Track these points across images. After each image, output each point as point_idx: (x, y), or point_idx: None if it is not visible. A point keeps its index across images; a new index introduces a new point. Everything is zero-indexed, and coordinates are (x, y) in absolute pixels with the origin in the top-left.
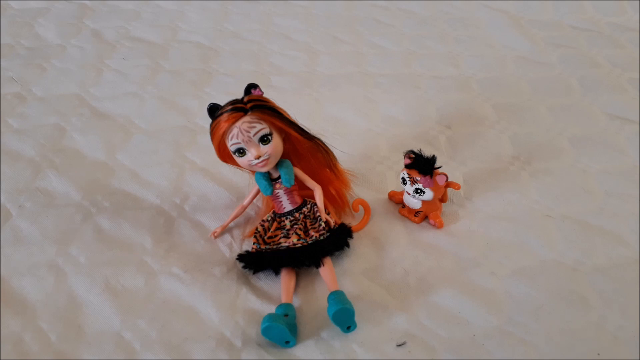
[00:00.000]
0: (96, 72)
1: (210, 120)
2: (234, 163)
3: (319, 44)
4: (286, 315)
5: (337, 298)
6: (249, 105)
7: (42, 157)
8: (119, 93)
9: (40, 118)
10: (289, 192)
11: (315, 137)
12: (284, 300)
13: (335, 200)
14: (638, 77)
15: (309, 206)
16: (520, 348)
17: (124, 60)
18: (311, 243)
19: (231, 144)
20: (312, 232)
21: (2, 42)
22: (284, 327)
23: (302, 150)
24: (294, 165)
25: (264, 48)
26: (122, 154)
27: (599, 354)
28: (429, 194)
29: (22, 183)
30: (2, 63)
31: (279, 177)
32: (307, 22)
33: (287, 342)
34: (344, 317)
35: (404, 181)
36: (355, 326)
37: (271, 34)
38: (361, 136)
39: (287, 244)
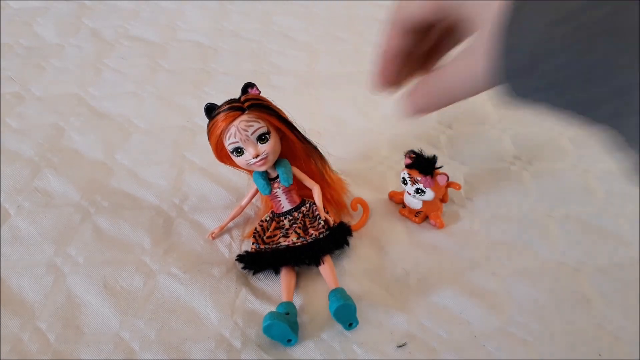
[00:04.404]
0: (95, 71)
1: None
2: (232, 163)
3: (319, 43)
4: (287, 313)
5: (338, 295)
6: (246, 105)
7: (40, 157)
8: (118, 92)
9: (38, 118)
10: (287, 191)
11: (309, 142)
12: (284, 298)
13: (333, 203)
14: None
15: (307, 205)
16: (521, 348)
17: (123, 59)
18: (311, 241)
19: (229, 143)
20: (311, 231)
21: (1, 41)
22: (285, 325)
23: (297, 151)
24: (291, 164)
25: (263, 47)
26: (121, 154)
27: (600, 355)
28: (429, 194)
29: (20, 183)
30: (0, 62)
31: (277, 177)
32: (307, 21)
33: (289, 341)
34: (345, 313)
35: (404, 181)
36: (357, 323)
37: (271, 33)
38: (361, 136)
39: (286, 243)
